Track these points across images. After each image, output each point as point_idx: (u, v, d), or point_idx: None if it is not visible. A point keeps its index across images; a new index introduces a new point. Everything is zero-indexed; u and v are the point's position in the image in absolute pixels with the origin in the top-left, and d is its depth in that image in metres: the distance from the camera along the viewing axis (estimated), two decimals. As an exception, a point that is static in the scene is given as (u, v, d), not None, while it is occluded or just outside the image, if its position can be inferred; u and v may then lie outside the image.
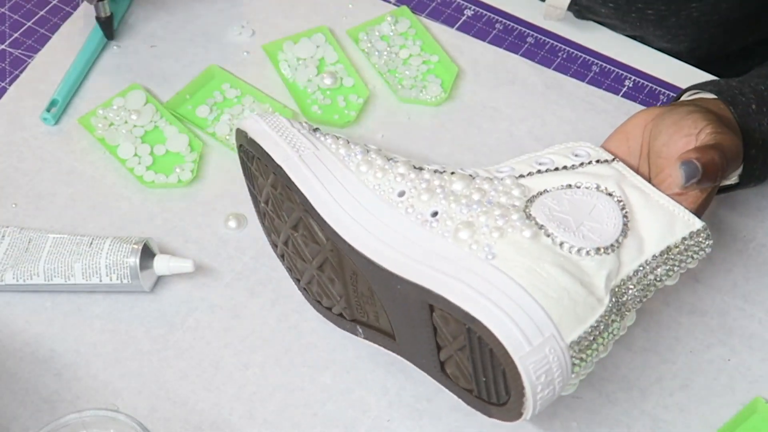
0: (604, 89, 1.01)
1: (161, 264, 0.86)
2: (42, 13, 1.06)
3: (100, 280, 0.86)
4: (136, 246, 0.86)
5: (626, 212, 0.77)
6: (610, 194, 0.78)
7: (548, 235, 0.75)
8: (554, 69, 1.02)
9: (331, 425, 0.82)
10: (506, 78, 1.02)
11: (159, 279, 0.88)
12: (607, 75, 1.02)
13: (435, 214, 0.76)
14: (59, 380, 0.84)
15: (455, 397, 0.77)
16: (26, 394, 0.83)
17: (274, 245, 0.86)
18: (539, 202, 0.77)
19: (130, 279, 0.86)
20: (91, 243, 0.87)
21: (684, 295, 0.88)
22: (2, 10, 1.06)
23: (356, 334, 0.82)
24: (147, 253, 0.86)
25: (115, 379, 0.84)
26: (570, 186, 0.78)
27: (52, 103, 0.98)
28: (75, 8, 1.06)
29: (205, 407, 0.83)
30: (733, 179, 0.85)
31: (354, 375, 0.84)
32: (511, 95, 1.00)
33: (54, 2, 1.07)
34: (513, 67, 1.02)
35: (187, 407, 0.83)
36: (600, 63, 1.03)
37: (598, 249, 0.75)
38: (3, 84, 1.01)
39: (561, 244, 0.74)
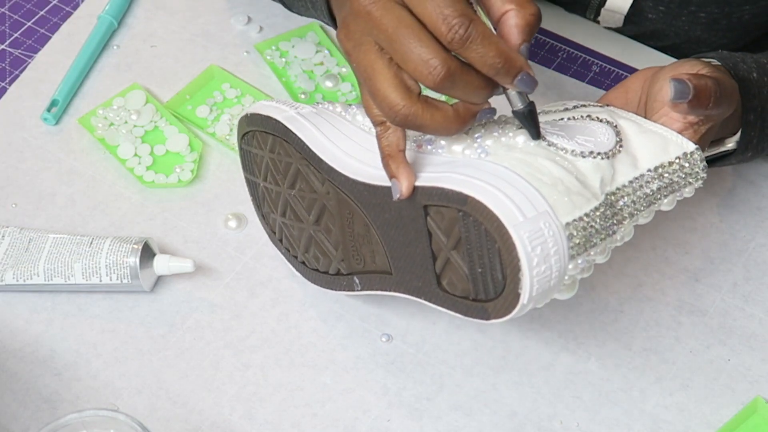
0: (604, 89, 1.01)
1: (161, 264, 0.86)
2: (42, 13, 1.06)
3: (100, 280, 0.86)
4: (136, 246, 0.86)
5: (619, 132, 0.78)
6: (602, 120, 0.79)
7: (541, 139, 0.76)
8: (554, 69, 1.02)
9: (331, 425, 0.82)
10: (506, 78, 1.01)
11: (159, 279, 0.88)
12: (607, 75, 1.02)
13: (429, 139, 0.78)
14: (59, 380, 0.84)
15: (451, 311, 0.76)
16: (26, 394, 0.83)
17: (272, 231, 0.87)
18: None
19: (130, 279, 0.86)
20: (91, 243, 0.87)
21: (684, 295, 0.89)
22: (2, 10, 1.06)
23: (354, 289, 0.82)
24: (147, 253, 0.86)
25: (115, 379, 0.84)
26: (563, 119, 0.79)
27: (53, 103, 0.98)
28: (75, 8, 1.06)
29: (205, 407, 0.83)
30: (730, 145, 0.85)
31: (354, 375, 0.84)
32: (511, 95, 1.00)
33: (54, 2, 1.07)
34: (513, 67, 1.02)
35: (187, 407, 0.83)
36: (600, 63, 1.03)
37: (592, 152, 0.75)
38: (3, 84, 1.01)
39: (555, 145, 0.75)
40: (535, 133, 0.74)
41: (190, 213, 0.93)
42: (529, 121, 0.74)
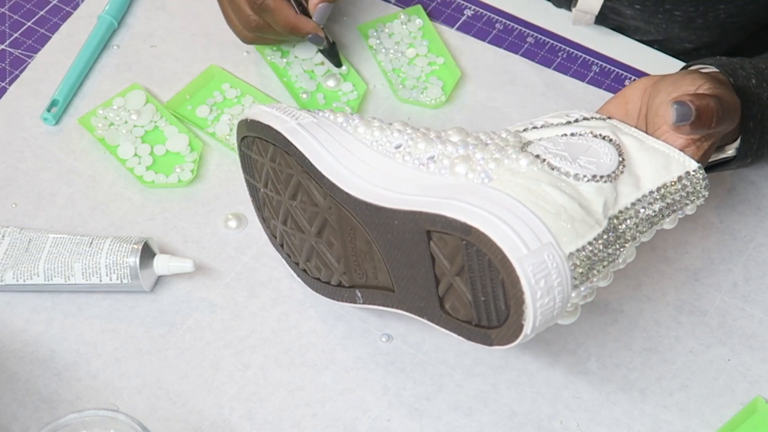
0: (604, 89, 1.01)
1: (161, 264, 0.86)
2: (42, 13, 1.06)
3: (100, 280, 0.86)
4: (136, 246, 0.86)
5: (621, 151, 0.77)
6: (604, 138, 0.78)
7: (544, 161, 0.75)
8: (554, 69, 1.02)
9: (331, 425, 0.82)
10: (506, 78, 1.02)
11: (159, 279, 0.88)
12: (607, 75, 1.02)
13: (432, 158, 0.77)
14: (59, 380, 0.84)
15: (454, 333, 0.76)
16: (26, 394, 0.83)
17: (273, 235, 0.87)
18: (535, 143, 0.78)
19: (130, 279, 0.86)
20: (91, 243, 0.87)
21: (684, 295, 0.89)
22: (2, 10, 1.06)
23: (356, 302, 0.82)
24: (147, 253, 0.86)
25: (115, 379, 0.84)
26: (565, 135, 0.79)
27: (53, 103, 0.98)
28: (75, 8, 1.06)
29: (205, 407, 0.83)
30: (730, 152, 0.85)
31: (354, 375, 0.84)
32: (511, 95, 1.00)
33: (54, 2, 1.07)
34: (513, 67, 1.02)
35: (187, 407, 0.83)
36: (600, 63, 1.03)
37: (595, 176, 0.75)
38: (3, 84, 1.01)
39: (558, 169, 0.75)
40: (337, 63, 1.00)
41: (190, 213, 0.93)
42: (330, 56, 1.00)
